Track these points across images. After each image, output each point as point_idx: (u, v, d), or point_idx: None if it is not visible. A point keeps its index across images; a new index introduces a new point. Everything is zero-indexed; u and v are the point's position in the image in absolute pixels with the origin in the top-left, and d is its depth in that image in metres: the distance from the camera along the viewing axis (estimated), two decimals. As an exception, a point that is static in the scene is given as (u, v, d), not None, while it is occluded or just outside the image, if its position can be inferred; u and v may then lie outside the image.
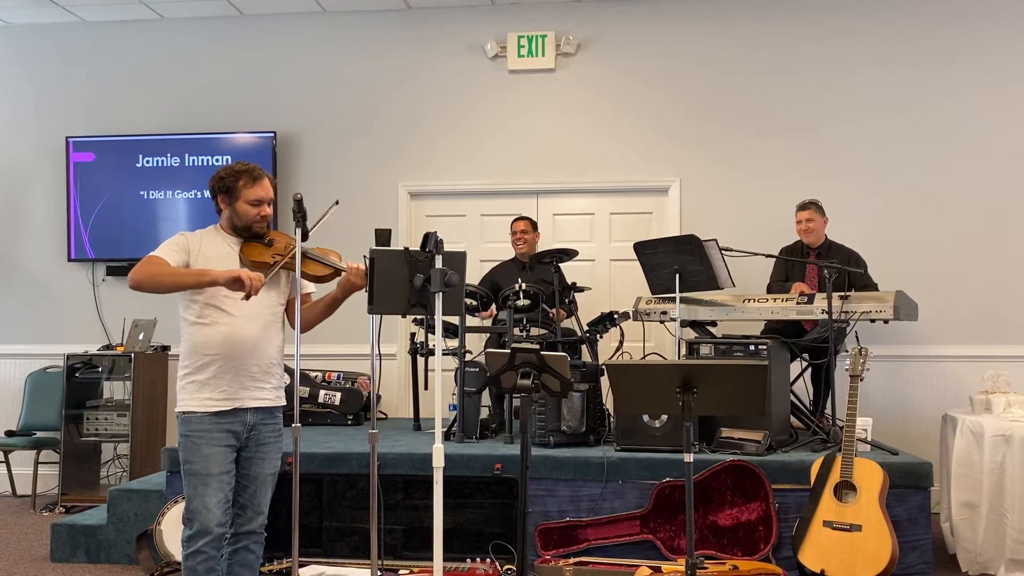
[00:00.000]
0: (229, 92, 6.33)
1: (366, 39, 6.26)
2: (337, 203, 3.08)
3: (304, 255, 2.92)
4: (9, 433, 5.84)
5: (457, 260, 2.67)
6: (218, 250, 2.90)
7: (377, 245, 2.81)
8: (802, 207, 5.09)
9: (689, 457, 2.61)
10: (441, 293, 2.57)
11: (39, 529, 4.98)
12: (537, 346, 2.79)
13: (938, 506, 4.50)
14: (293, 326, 2.97)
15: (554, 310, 4.97)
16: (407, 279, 2.65)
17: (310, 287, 3.09)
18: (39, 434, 5.84)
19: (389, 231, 2.89)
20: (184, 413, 2.85)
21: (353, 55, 6.27)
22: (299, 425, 2.90)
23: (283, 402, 3.00)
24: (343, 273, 2.95)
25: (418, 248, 2.69)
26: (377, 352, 3.02)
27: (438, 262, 2.59)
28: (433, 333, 3.61)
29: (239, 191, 2.89)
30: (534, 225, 5.56)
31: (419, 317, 5.07)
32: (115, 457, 6.03)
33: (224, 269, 2.78)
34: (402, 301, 2.68)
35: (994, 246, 5.64)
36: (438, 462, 2.54)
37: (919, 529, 3.85)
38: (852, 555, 3.55)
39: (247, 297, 2.73)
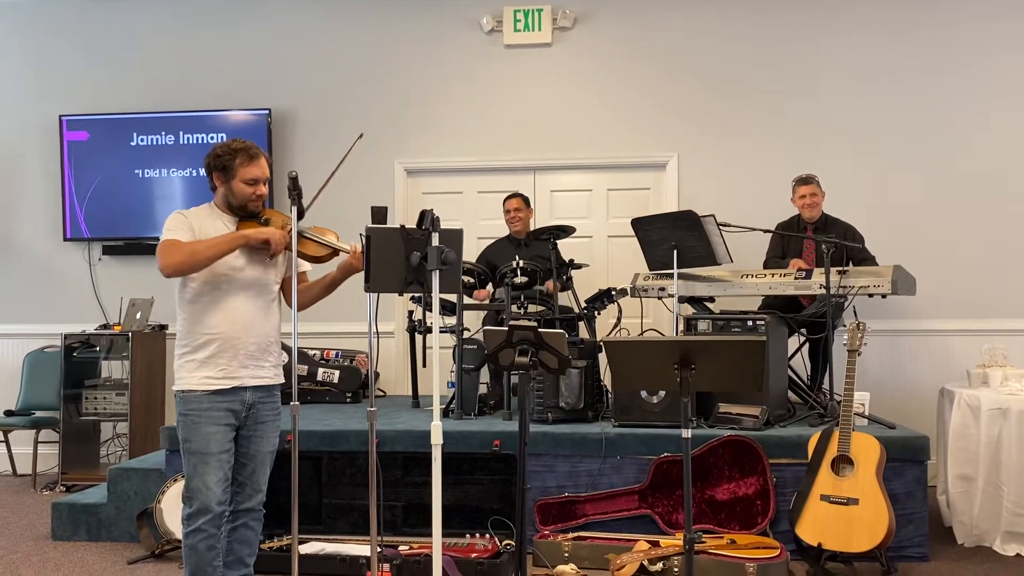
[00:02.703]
0: (223, 70, 6.28)
1: (361, 15, 6.20)
2: (361, 135, 3.10)
3: (300, 234, 2.91)
4: (8, 413, 5.86)
5: (454, 237, 2.66)
6: (215, 228, 2.89)
7: (373, 223, 2.79)
8: (804, 181, 5.06)
9: (687, 432, 2.61)
10: (438, 271, 2.56)
11: (40, 508, 5.00)
12: (535, 323, 2.78)
13: (935, 479, 4.53)
14: (289, 305, 2.96)
15: (549, 283, 4.96)
16: (403, 257, 2.63)
17: (306, 265, 3.08)
18: (38, 414, 5.86)
19: (385, 209, 2.87)
20: (183, 392, 2.85)
21: (348, 31, 6.21)
22: (297, 403, 2.90)
23: (281, 380, 3.00)
24: (344, 255, 2.94)
25: (414, 226, 2.68)
26: (375, 330, 3.01)
27: (434, 239, 2.57)
28: (431, 311, 3.61)
29: (235, 169, 2.87)
30: (527, 202, 5.52)
31: (417, 295, 5.07)
32: (114, 436, 6.05)
33: (254, 231, 2.86)
34: (399, 279, 2.67)
35: (992, 220, 5.63)
36: (436, 439, 2.55)
37: (915, 502, 3.88)
38: (849, 528, 3.57)
39: (272, 256, 2.88)
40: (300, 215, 2.85)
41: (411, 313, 5.30)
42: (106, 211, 6.22)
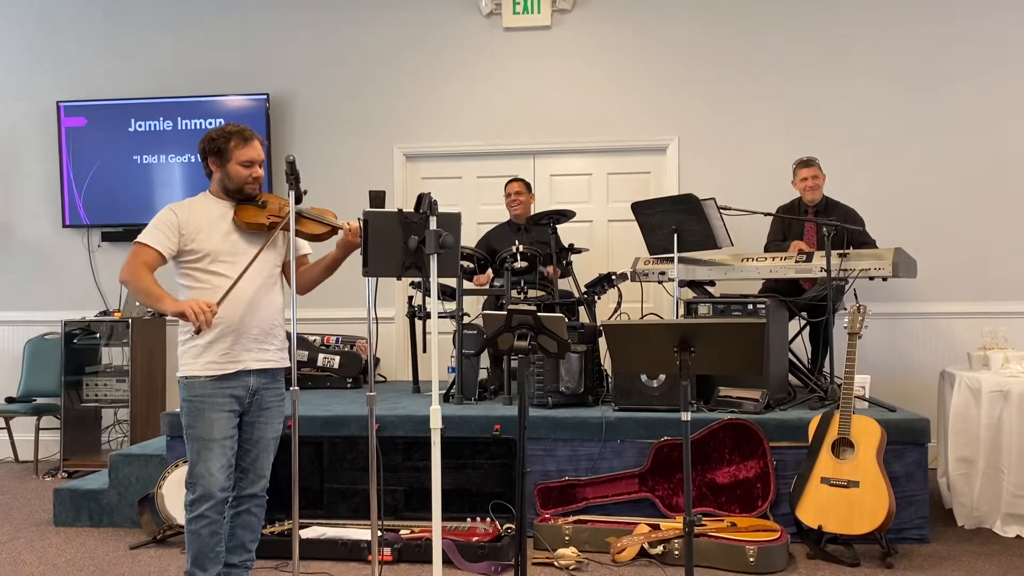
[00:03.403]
0: (221, 55, 6.25)
1: (359, -2, 6.17)
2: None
3: (299, 214, 2.90)
4: (9, 400, 5.87)
5: (452, 221, 2.64)
6: (210, 214, 2.88)
7: (371, 207, 2.78)
8: (805, 164, 5.04)
9: (686, 416, 2.60)
10: (436, 255, 2.54)
11: (42, 494, 5.01)
12: (534, 307, 2.77)
13: (935, 461, 4.53)
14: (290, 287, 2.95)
15: (549, 268, 4.95)
16: (402, 241, 2.62)
17: (307, 247, 3.07)
18: (39, 400, 5.87)
19: (383, 193, 2.85)
20: (186, 378, 2.85)
21: (346, 15, 6.17)
22: (297, 388, 2.90)
23: (287, 363, 2.99)
24: (341, 232, 2.93)
25: (412, 210, 2.67)
26: (374, 315, 3.00)
27: (432, 223, 2.56)
28: (429, 295, 3.60)
29: (230, 152, 2.86)
30: (528, 187, 5.50)
31: (416, 280, 5.06)
32: (115, 422, 6.06)
33: (174, 303, 2.75)
34: (397, 263, 2.65)
35: (993, 203, 5.60)
36: (436, 423, 2.55)
37: (916, 485, 3.88)
38: (849, 511, 3.58)
39: (198, 331, 2.70)
40: (298, 199, 2.84)
41: (411, 299, 5.29)
42: (105, 197, 6.21)
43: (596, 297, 4.98)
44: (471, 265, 5.03)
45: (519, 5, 5.98)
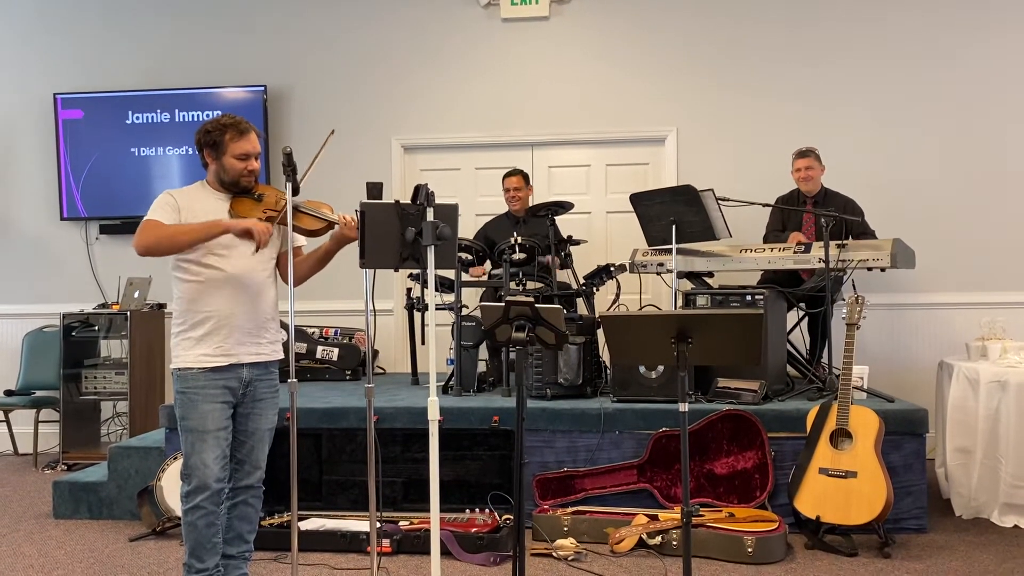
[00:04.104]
0: (218, 46, 6.22)
1: (356, -11, 6.14)
2: (333, 132, 3.07)
3: (295, 209, 2.89)
4: (8, 392, 5.87)
5: (449, 212, 2.64)
6: (206, 206, 2.87)
7: (369, 199, 2.77)
8: (801, 155, 5.04)
9: (684, 407, 2.60)
10: (433, 246, 2.54)
11: (41, 487, 5.02)
12: (532, 299, 2.77)
13: (933, 452, 4.53)
14: (285, 280, 2.95)
15: (548, 257, 4.95)
16: (399, 233, 2.61)
17: (302, 239, 3.07)
18: (38, 393, 5.87)
19: (380, 184, 2.85)
20: (180, 370, 2.85)
21: (344, 6, 6.15)
22: (295, 381, 2.90)
23: (280, 356, 2.99)
24: (335, 225, 2.93)
25: (409, 201, 2.66)
26: (372, 308, 3.00)
27: (429, 215, 2.55)
28: (427, 287, 3.60)
29: (225, 145, 2.85)
30: (526, 179, 5.47)
31: (415, 272, 5.06)
32: (115, 415, 6.06)
33: (234, 221, 2.79)
34: (394, 255, 2.65)
35: (992, 193, 5.60)
36: (433, 415, 2.55)
37: (914, 475, 3.89)
38: (847, 501, 3.58)
39: (257, 249, 2.77)
40: (295, 191, 2.83)
41: (409, 291, 5.29)
42: (103, 190, 6.20)
43: (595, 289, 4.98)
44: (469, 257, 5.03)
45: (517, -4, 5.96)
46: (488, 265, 5.26)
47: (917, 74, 5.67)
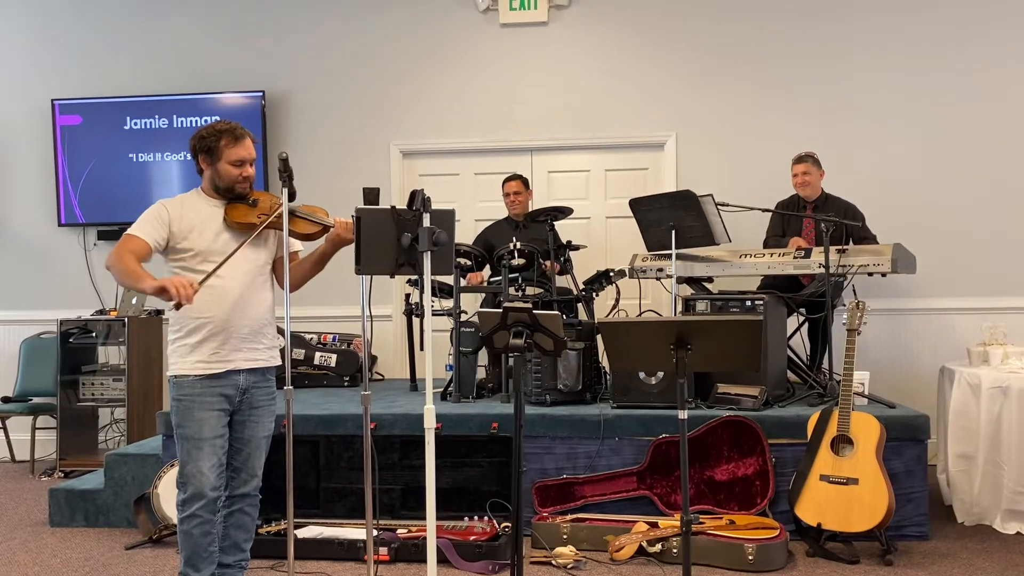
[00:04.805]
0: (216, 52, 6.21)
1: (354, -6, 6.13)
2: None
3: (291, 213, 2.87)
4: (5, 399, 5.85)
5: (445, 218, 2.62)
6: (200, 213, 2.85)
7: (365, 204, 2.75)
8: (798, 160, 5.03)
9: (683, 414, 2.58)
10: (429, 252, 2.52)
11: (38, 494, 4.99)
12: (529, 305, 2.74)
13: (935, 458, 4.51)
14: (281, 285, 2.93)
15: (548, 263, 4.93)
16: (395, 238, 2.59)
17: (298, 244, 3.04)
18: (35, 400, 5.85)
19: (377, 190, 2.83)
20: (176, 377, 2.83)
21: (343, 12, 6.14)
22: (291, 387, 2.88)
23: (277, 362, 2.97)
24: (331, 229, 2.91)
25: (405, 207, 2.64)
26: (369, 313, 2.98)
27: (425, 220, 2.53)
28: (424, 293, 3.58)
29: (220, 151, 2.83)
30: (526, 183, 5.45)
31: (414, 278, 5.04)
32: (112, 422, 6.03)
33: (154, 280, 2.64)
34: (390, 261, 2.63)
35: (992, 198, 5.58)
36: (429, 423, 2.52)
37: (915, 481, 3.86)
38: (848, 508, 3.56)
39: (177, 307, 2.63)
40: (291, 197, 2.81)
41: (408, 296, 5.27)
42: (100, 196, 6.18)
43: (594, 294, 4.96)
44: (469, 262, 5.01)
45: (516, 1, 5.94)
46: (487, 271, 5.24)
47: (918, 78, 5.66)
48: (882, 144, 5.68)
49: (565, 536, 3.79)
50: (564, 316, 4.90)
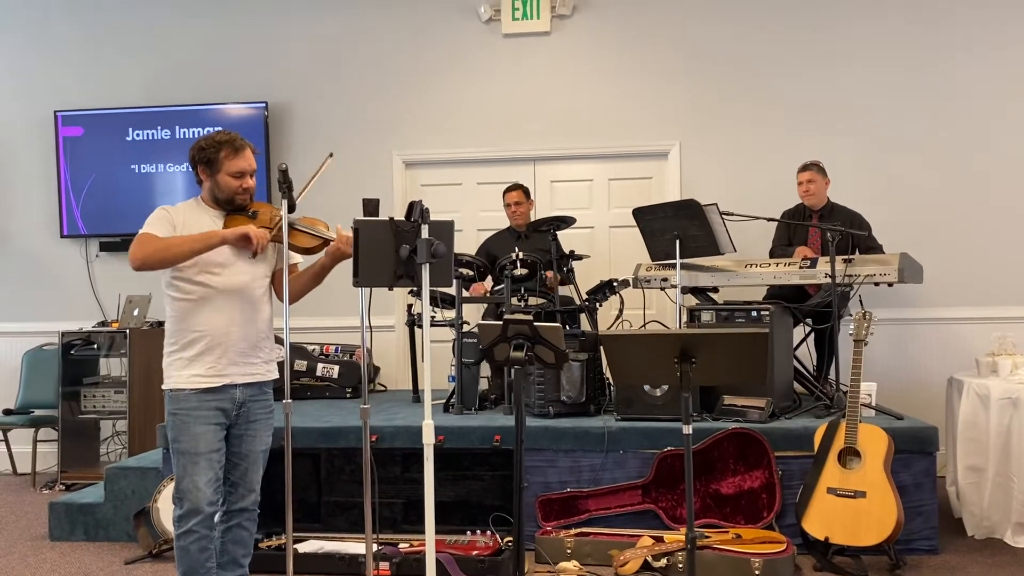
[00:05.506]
0: (219, 63, 6.21)
1: (358, 6, 6.12)
2: (331, 155, 3.03)
3: (290, 226, 2.84)
4: (7, 412, 5.83)
5: (444, 229, 2.58)
6: (200, 224, 2.82)
7: (365, 215, 2.72)
8: (803, 168, 4.99)
9: (688, 428, 2.54)
10: (428, 264, 2.48)
11: (39, 507, 4.95)
12: (530, 316, 2.70)
13: (943, 470, 4.44)
14: (280, 298, 2.90)
15: (549, 273, 4.89)
16: (393, 250, 2.56)
17: (297, 256, 3.01)
18: (37, 412, 5.82)
19: (377, 201, 2.80)
20: (172, 391, 2.80)
21: (345, 23, 6.13)
22: (289, 401, 2.84)
23: (275, 375, 2.94)
24: (331, 242, 2.88)
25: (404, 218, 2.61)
26: (368, 325, 2.94)
27: (424, 232, 2.50)
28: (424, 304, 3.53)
29: (220, 163, 2.80)
30: (527, 193, 5.41)
31: (414, 288, 5.00)
32: (114, 434, 6.00)
33: (229, 230, 2.74)
34: (388, 273, 2.60)
35: (1000, 207, 5.53)
36: (428, 439, 2.48)
37: (924, 494, 3.80)
38: (856, 522, 3.50)
39: (254, 255, 2.75)
40: (291, 208, 2.78)
41: (410, 307, 5.23)
42: (103, 207, 6.17)
43: (598, 304, 4.91)
44: (471, 273, 4.97)
45: (518, 11, 5.93)
46: (489, 281, 5.20)
47: (925, 87, 5.61)
48: (888, 153, 5.64)
49: (569, 551, 3.74)
50: (567, 327, 4.85)
